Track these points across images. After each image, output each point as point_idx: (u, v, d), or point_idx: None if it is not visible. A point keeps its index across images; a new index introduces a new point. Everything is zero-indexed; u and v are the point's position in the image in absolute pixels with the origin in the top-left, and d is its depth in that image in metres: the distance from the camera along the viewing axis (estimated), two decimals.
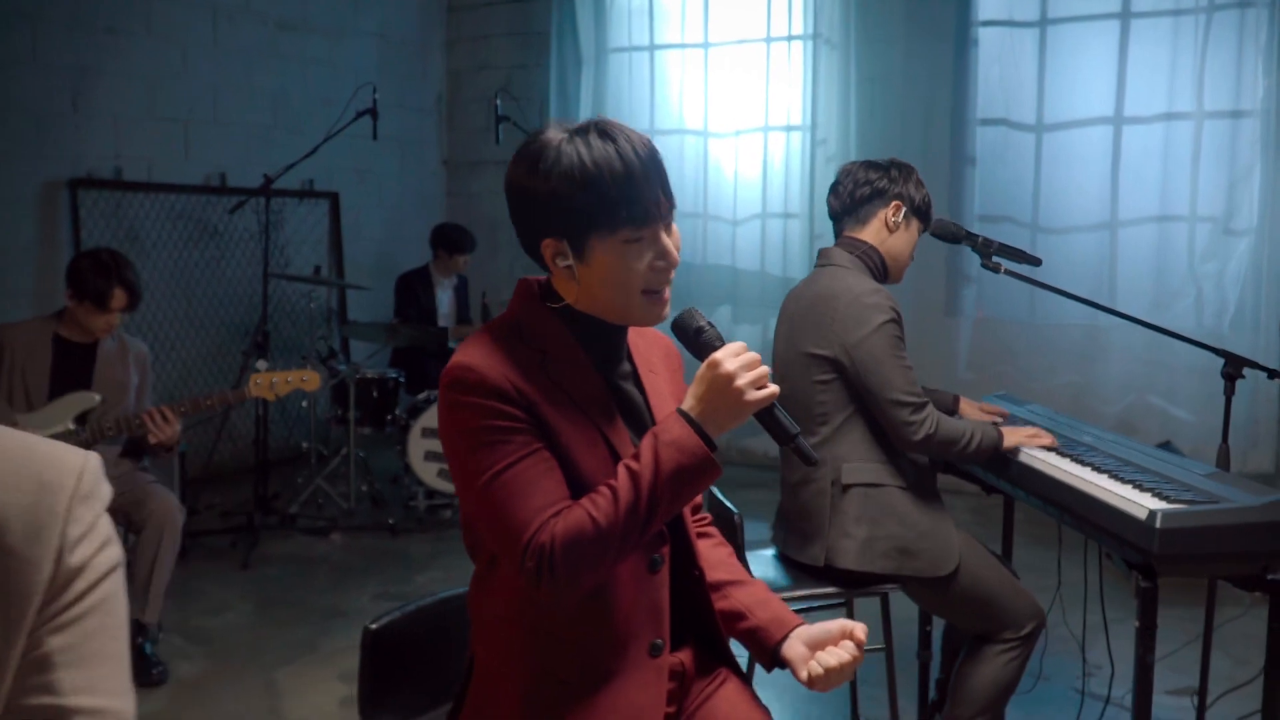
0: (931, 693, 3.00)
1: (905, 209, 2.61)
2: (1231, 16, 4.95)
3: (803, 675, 1.52)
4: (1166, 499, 2.06)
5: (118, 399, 3.52)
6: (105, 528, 0.89)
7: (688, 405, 1.44)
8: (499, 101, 5.60)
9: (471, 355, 1.46)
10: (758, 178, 6.18)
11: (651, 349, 1.66)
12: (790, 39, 6.03)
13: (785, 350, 2.62)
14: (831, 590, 2.54)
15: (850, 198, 2.62)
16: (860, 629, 1.54)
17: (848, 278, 2.54)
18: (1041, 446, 2.49)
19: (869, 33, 5.79)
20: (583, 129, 1.46)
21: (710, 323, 1.51)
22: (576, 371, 1.51)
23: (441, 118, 7.36)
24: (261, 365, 3.79)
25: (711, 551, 1.72)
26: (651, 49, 6.47)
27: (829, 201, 2.70)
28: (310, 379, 3.71)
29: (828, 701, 3.25)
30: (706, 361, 1.45)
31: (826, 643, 1.55)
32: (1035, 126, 5.43)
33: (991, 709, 2.51)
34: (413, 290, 5.82)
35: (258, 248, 5.62)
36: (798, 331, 2.57)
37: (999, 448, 2.48)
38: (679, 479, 1.40)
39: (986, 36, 5.50)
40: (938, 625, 2.96)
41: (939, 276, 5.64)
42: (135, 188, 5.56)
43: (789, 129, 6.07)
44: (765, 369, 1.44)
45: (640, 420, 1.57)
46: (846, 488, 2.49)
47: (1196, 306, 5.07)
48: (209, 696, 3.36)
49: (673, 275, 1.50)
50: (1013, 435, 2.51)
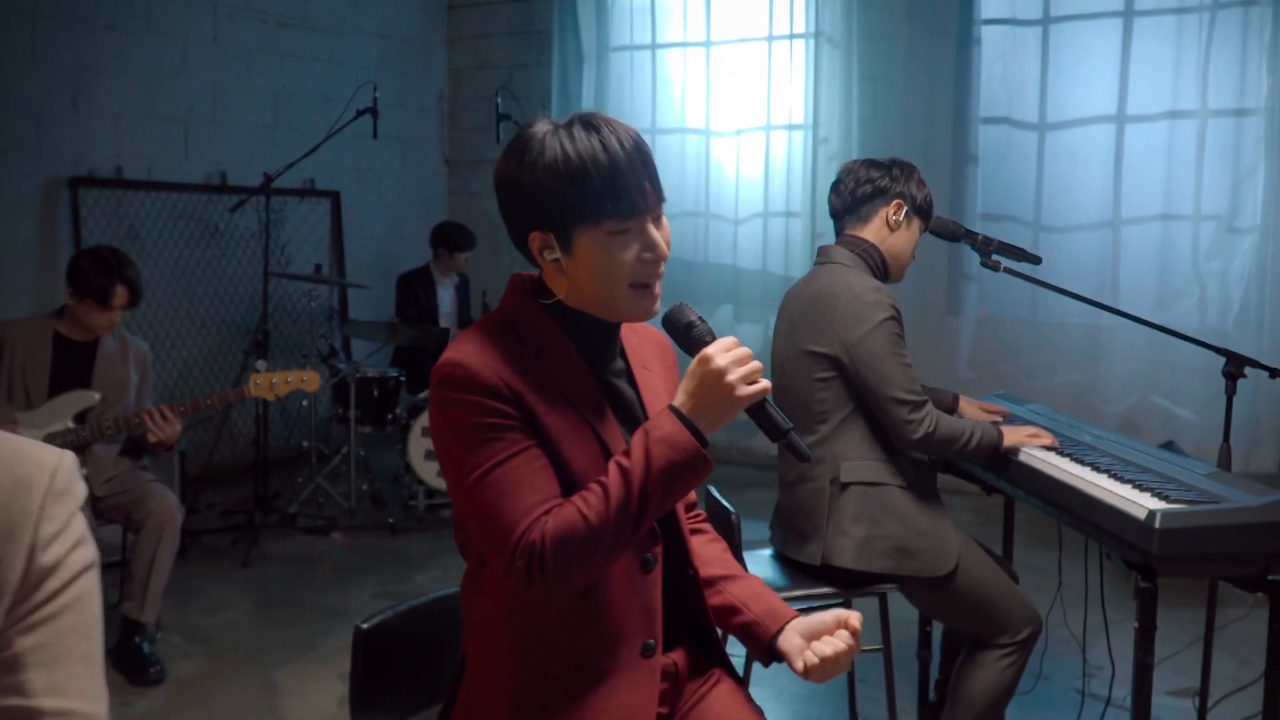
0: (931, 693, 2.98)
1: (907, 208, 2.60)
2: (1235, 14, 4.93)
3: (799, 666, 1.51)
4: (1166, 499, 2.04)
5: (118, 397, 3.52)
6: (79, 526, 0.87)
7: (679, 401, 1.43)
8: (500, 100, 5.60)
9: (463, 351, 1.45)
10: (759, 176, 6.17)
11: (646, 346, 1.65)
12: (792, 37, 6.01)
13: (785, 348, 2.61)
14: (829, 590, 2.52)
15: (852, 196, 2.61)
16: (855, 617, 1.53)
17: (848, 275, 2.52)
18: (1041, 446, 2.48)
19: (871, 31, 5.78)
20: (568, 122, 1.45)
21: (701, 317, 1.50)
22: (569, 368, 1.49)
23: (442, 116, 7.35)
24: (261, 365, 3.79)
25: (705, 547, 1.70)
26: (653, 48, 6.46)
27: (830, 200, 2.69)
28: (310, 379, 3.69)
29: (827, 702, 3.24)
30: (697, 357, 1.43)
31: (822, 633, 1.53)
32: (1038, 125, 5.42)
33: (990, 715, 2.50)
34: (413, 289, 5.81)
35: (258, 246, 5.61)
36: (797, 329, 2.56)
37: (998, 447, 2.47)
38: (670, 475, 1.39)
39: (989, 35, 5.49)
40: (937, 625, 2.94)
41: (941, 275, 5.62)
42: (136, 186, 5.55)
43: (791, 128, 6.06)
44: (757, 364, 1.43)
45: (633, 417, 1.56)
46: (845, 486, 2.48)
47: (1200, 305, 5.06)
48: (208, 696, 3.35)
49: (662, 269, 1.48)
50: (1012, 434, 2.50)
